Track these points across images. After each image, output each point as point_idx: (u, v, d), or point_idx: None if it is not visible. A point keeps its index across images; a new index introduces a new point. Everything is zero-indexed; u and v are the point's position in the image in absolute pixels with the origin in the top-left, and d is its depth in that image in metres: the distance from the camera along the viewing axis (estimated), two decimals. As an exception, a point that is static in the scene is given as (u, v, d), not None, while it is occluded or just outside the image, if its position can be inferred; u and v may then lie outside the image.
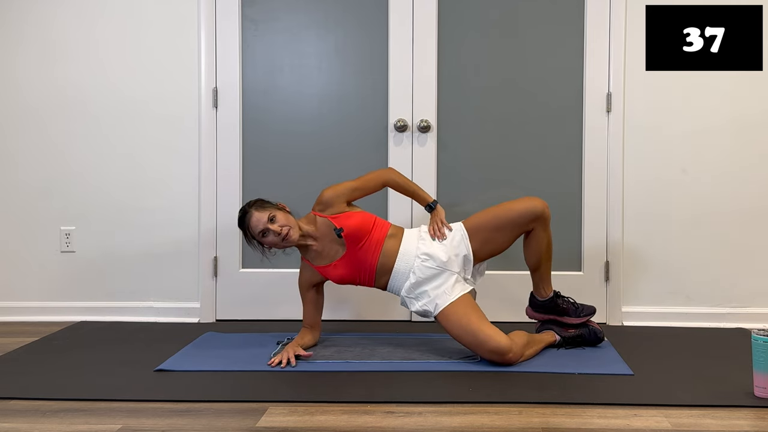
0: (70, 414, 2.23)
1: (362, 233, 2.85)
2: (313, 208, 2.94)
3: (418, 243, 2.86)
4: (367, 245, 2.86)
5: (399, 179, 3.01)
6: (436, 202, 2.97)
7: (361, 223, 2.86)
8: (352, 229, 2.84)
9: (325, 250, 2.90)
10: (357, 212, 2.91)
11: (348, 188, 2.94)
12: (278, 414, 2.22)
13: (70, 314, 3.56)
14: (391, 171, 3.03)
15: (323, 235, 2.89)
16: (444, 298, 2.78)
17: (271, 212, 2.83)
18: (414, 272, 2.83)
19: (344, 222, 2.85)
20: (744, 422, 2.17)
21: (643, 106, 3.45)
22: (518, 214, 2.83)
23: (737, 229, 3.46)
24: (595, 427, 2.13)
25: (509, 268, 3.44)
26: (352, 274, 2.90)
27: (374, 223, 2.90)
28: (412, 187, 3.01)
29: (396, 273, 2.86)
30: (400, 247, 2.86)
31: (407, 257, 2.85)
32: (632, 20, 3.42)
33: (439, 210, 2.95)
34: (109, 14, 3.55)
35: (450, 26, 3.49)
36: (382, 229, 2.90)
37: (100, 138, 3.57)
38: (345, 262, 2.88)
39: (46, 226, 3.59)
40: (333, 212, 2.89)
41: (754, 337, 2.32)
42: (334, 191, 2.92)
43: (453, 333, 2.76)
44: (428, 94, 3.49)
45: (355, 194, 2.96)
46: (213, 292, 3.56)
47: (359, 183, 2.97)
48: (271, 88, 3.54)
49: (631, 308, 3.48)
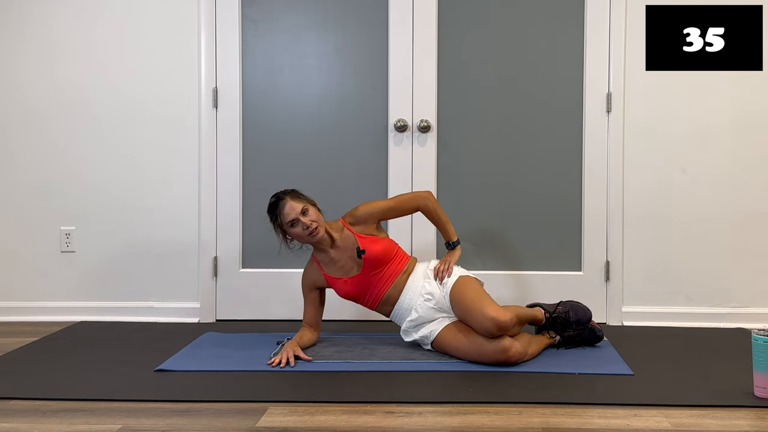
0: (70, 414, 2.23)
1: (382, 262, 2.88)
2: (343, 217, 2.96)
3: (423, 282, 2.89)
4: (382, 274, 2.89)
5: (433, 208, 2.97)
6: (458, 243, 2.98)
7: (383, 252, 2.88)
8: (374, 255, 2.86)
9: (340, 262, 2.91)
10: (383, 239, 2.94)
11: (383, 208, 2.96)
12: (278, 414, 2.22)
13: (70, 314, 3.56)
14: (429, 198, 2.98)
15: (345, 247, 2.90)
16: (438, 325, 2.83)
17: (305, 205, 2.85)
18: (416, 310, 2.87)
19: (369, 245, 2.87)
20: (744, 422, 2.17)
21: (643, 106, 3.45)
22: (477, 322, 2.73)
23: (737, 229, 3.46)
24: (595, 427, 2.13)
25: (510, 268, 3.44)
26: (357, 294, 2.93)
27: (395, 255, 2.92)
28: (443, 220, 2.99)
29: (399, 307, 2.90)
30: (407, 281, 2.90)
31: (412, 294, 2.88)
32: (632, 20, 3.42)
33: (456, 252, 2.97)
34: (109, 14, 3.55)
35: (450, 26, 3.49)
36: (401, 262, 2.93)
37: (101, 138, 3.57)
38: (355, 282, 2.89)
39: (46, 226, 3.59)
40: (362, 230, 2.91)
41: (754, 337, 2.32)
42: (368, 209, 2.93)
43: (452, 352, 2.78)
44: (428, 94, 3.48)
45: (389, 215, 3.00)
46: (213, 292, 3.56)
47: (394, 203, 2.98)
48: (271, 88, 3.54)
49: (631, 308, 3.48)
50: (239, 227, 3.53)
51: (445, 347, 2.79)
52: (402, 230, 3.44)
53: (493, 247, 3.51)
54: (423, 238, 3.49)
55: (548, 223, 3.49)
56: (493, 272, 3.35)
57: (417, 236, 3.49)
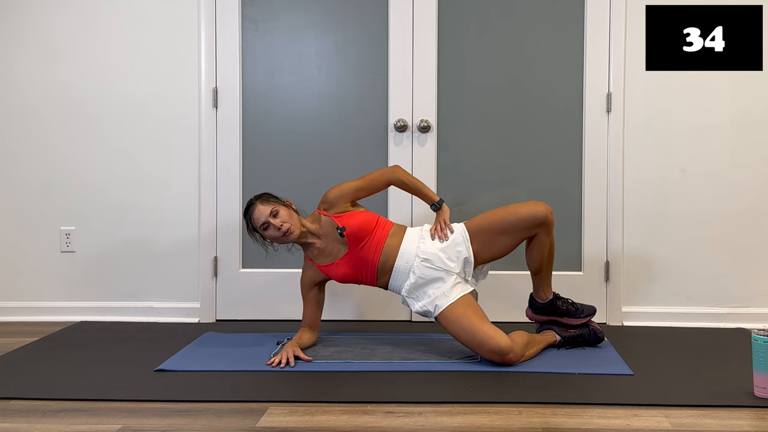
0: (70, 414, 2.23)
1: (364, 233, 2.86)
2: (318, 207, 2.95)
3: (418, 242, 2.86)
4: (369, 245, 2.86)
5: (404, 177, 2.98)
6: (442, 201, 2.96)
7: (363, 223, 2.86)
8: (354, 228, 2.84)
9: (327, 249, 2.91)
10: (360, 212, 2.92)
11: (352, 188, 2.94)
12: (278, 414, 2.22)
13: (70, 314, 3.56)
14: (397, 170, 3.00)
15: (327, 233, 2.90)
16: (443, 300, 2.77)
17: (274, 207, 2.85)
18: (413, 272, 2.83)
19: (347, 221, 2.86)
20: (744, 422, 2.17)
21: (643, 106, 3.45)
22: (521, 218, 2.81)
23: (737, 228, 3.46)
24: (595, 427, 2.13)
25: (511, 268, 3.44)
26: (354, 273, 2.90)
27: (377, 223, 2.90)
28: (418, 186, 2.99)
29: (396, 272, 2.86)
30: (401, 245, 2.87)
31: (407, 256, 2.85)
32: (632, 20, 3.42)
33: (445, 209, 2.94)
34: (108, 14, 3.55)
35: (450, 26, 3.49)
36: (384, 228, 2.90)
37: (101, 138, 3.57)
38: (347, 261, 2.88)
39: (46, 226, 3.59)
40: (337, 211, 2.90)
41: (754, 337, 2.32)
42: (338, 191, 2.92)
43: (453, 333, 2.76)
44: (428, 94, 3.49)
45: (360, 194, 2.97)
46: (213, 292, 3.56)
47: (364, 182, 2.97)
48: (271, 88, 3.54)
49: (631, 308, 3.48)
50: (239, 227, 3.53)
51: (447, 328, 2.78)
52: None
53: (493, 247, 3.50)
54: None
55: (548, 223, 3.49)
56: (493, 272, 3.34)
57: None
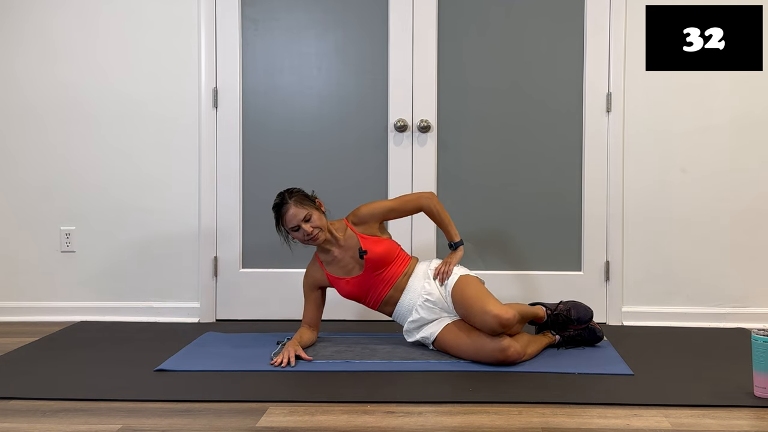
0: (70, 414, 2.23)
1: (383, 264, 2.88)
2: (347, 217, 2.96)
3: (423, 282, 2.89)
4: (383, 275, 2.89)
5: (435, 208, 2.96)
6: (460, 244, 2.97)
7: (385, 253, 2.88)
8: (376, 256, 2.87)
9: (343, 262, 2.92)
10: (385, 240, 2.94)
11: (385, 208, 2.96)
12: (278, 414, 2.22)
13: (70, 314, 3.56)
14: (431, 198, 2.98)
15: (348, 247, 2.91)
16: (438, 326, 2.83)
17: (308, 212, 2.84)
18: (417, 310, 2.87)
19: (371, 246, 2.87)
20: (744, 422, 2.17)
21: (643, 106, 3.45)
22: None
23: (737, 228, 3.45)
24: (595, 427, 2.13)
25: (510, 268, 3.44)
26: (359, 295, 2.94)
27: (396, 256, 2.93)
28: (446, 221, 2.98)
29: (400, 307, 2.91)
30: (408, 282, 2.90)
31: (412, 295, 2.89)
32: (632, 20, 3.42)
33: (458, 253, 2.96)
34: (108, 14, 3.55)
35: (450, 26, 3.49)
36: (402, 264, 2.93)
37: (100, 138, 3.57)
38: (357, 282, 2.90)
39: (46, 226, 3.59)
40: (364, 231, 2.92)
41: (754, 337, 2.32)
42: (370, 209, 2.94)
43: (453, 351, 2.78)
44: (428, 94, 3.48)
45: (391, 215, 2.99)
46: (213, 292, 3.56)
47: (396, 204, 2.98)
48: (271, 88, 3.54)
49: (631, 308, 3.48)
50: (239, 227, 3.53)
51: (446, 347, 2.80)
52: (403, 230, 3.44)
53: (493, 247, 3.50)
54: (423, 238, 3.49)
55: (548, 222, 3.49)
56: (493, 272, 3.35)
57: (417, 236, 3.49)
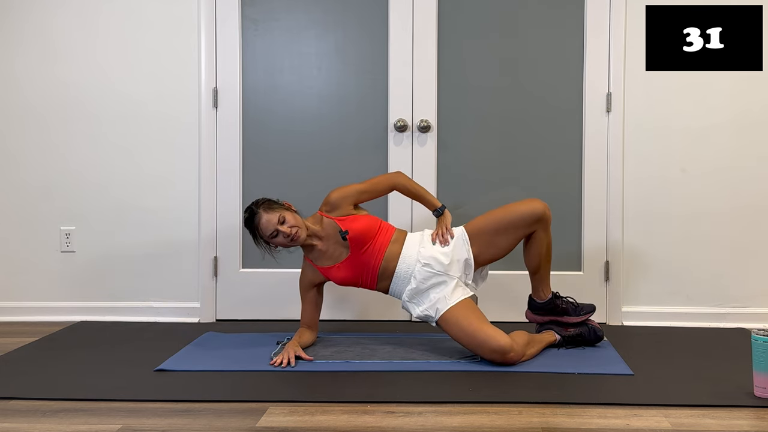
0: (70, 414, 2.23)
1: (367, 237, 2.85)
2: (320, 209, 2.95)
3: (419, 247, 2.86)
4: (371, 249, 2.86)
5: (407, 183, 3.00)
6: (444, 208, 2.96)
7: (366, 227, 2.86)
8: (357, 232, 2.84)
9: (329, 251, 2.91)
10: (363, 215, 2.92)
11: (356, 191, 2.94)
12: (278, 414, 2.23)
13: (70, 314, 3.56)
14: (400, 175, 3.02)
15: (328, 235, 2.90)
16: (444, 303, 2.78)
17: (280, 214, 2.83)
18: (414, 277, 2.84)
19: (350, 225, 2.86)
20: (744, 422, 2.17)
21: (643, 106, 3.45)
22: (520, 216, 2.82)
23: (737, 228, 3.46)
24: (595, 427, 2.13)
25: (510, 268, 3.43)
26: (354, 277, 2.90)
27: (379, 227, 2.90)
28: (421, 192, 3.00)
29: (397, 277, 2.87)
30: (402, 251, 2.87)
31: (408, 261, 2.85)
32: (632, 20, 3.42)
33: (446, 215, 2.95)
34: (108, 14, 3.55)
35: (450, 26, 3.49)
36: (387, 233, 2.91)
37: (101, 138, 3.57)
38: (348, 265, 2.88)
39: (46, 226, 3.59)
40: (339, 214, 2.90)
41: (754, 337, 2.32)
42: (341, 193, 2.92)
43: (454, 336, 2.76)
44: (428, 94, 3.49)
45: (363, 197, 2.97)
46: (213, 292, 3.56)
47: (367, 186, 2.97)
48: (271, 88, 3.54)
49: (631, 308, 3.48)
50: (239, 227, 3.53)
51: (448, 331, 2.78)
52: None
53: (493, 247, 3.50)
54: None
55: (548, 223, 3.49)
56: (493, 272, 3.34)
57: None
